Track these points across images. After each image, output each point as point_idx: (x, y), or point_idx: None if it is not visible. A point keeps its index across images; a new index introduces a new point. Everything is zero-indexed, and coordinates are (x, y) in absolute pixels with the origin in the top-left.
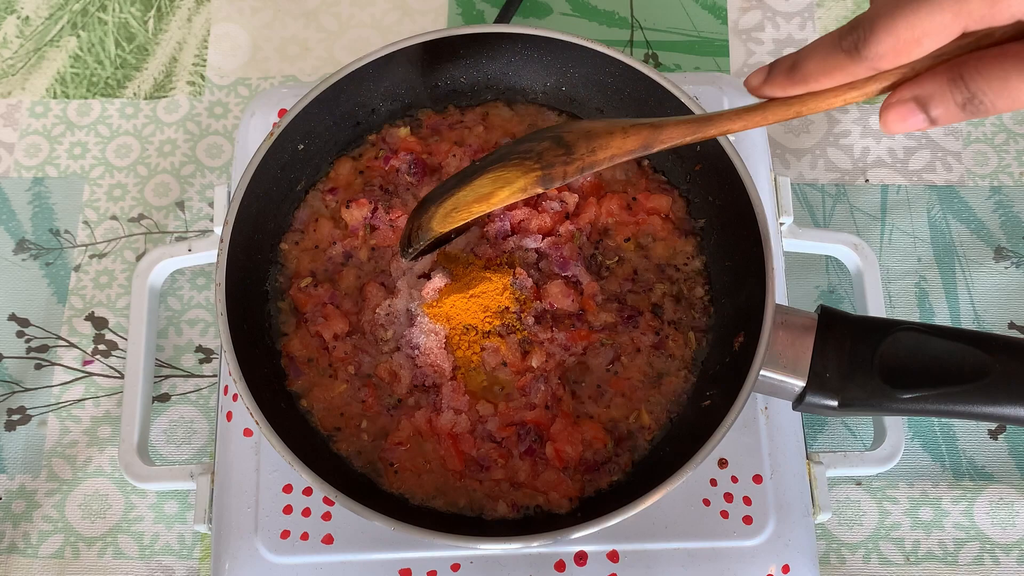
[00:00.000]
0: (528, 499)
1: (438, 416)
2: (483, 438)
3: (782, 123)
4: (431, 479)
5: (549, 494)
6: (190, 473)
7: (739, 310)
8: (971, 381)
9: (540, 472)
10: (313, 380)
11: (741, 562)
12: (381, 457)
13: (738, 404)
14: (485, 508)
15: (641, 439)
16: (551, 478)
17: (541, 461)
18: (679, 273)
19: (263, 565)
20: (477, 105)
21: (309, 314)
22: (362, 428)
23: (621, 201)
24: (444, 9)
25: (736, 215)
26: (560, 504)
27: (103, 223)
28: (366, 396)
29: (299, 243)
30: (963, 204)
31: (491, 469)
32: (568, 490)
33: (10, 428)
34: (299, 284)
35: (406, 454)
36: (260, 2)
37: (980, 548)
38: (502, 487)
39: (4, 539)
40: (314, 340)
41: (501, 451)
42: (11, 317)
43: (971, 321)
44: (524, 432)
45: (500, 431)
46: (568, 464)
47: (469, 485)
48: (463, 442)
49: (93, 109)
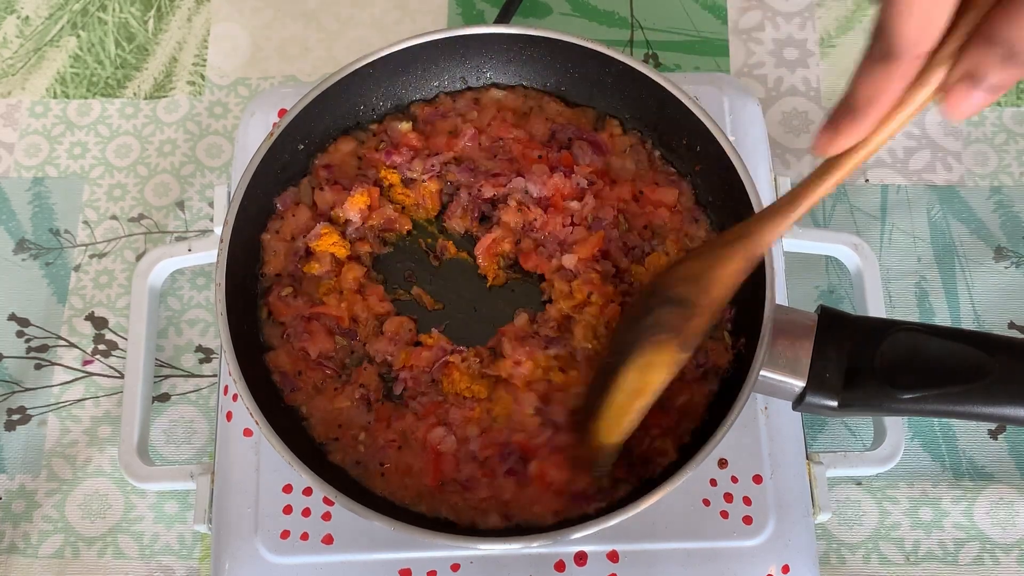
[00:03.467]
0: (518, 512)
1: (428, 429)
2: (466, 459)
3: (782, 123)
4: (413, 483)
5: (533, 507)
6: (190, 473)
7: (739, 310)
8: (971, 381)
9: (523, 489)
10: (309, 393)
11: (741, 562)
12: (373, 457)
13: (738, 404)
14: (476, 520)
15: (657, 465)
16: (533, 495)
17: (524, 480)
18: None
19: (263, 565)
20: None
21: (290, 328)
22: (359, 440)
23: (631, 191)
24: (444, 9)
25: (736, 215)
26: (544, 517)
27: (103, 223)
28: (371, 419)
29: (279, 231)
30: (963, 204)
31: (476, 488)
32: (552, 505)
33: (10, 428)
34: (279, 292)
35: (398, 454)
36: (260, 2)
37: (980, 548)
38: (490, 503)
39: (4, 539)
40: (300, 354)
41: (485, 470)
42: (11, 317)
43: (971, 321)
44: (507, 452)
45: (483, 451)
46: (551, 487)
47: (449, 499)
48: (444, 462)
49: (93, 109)
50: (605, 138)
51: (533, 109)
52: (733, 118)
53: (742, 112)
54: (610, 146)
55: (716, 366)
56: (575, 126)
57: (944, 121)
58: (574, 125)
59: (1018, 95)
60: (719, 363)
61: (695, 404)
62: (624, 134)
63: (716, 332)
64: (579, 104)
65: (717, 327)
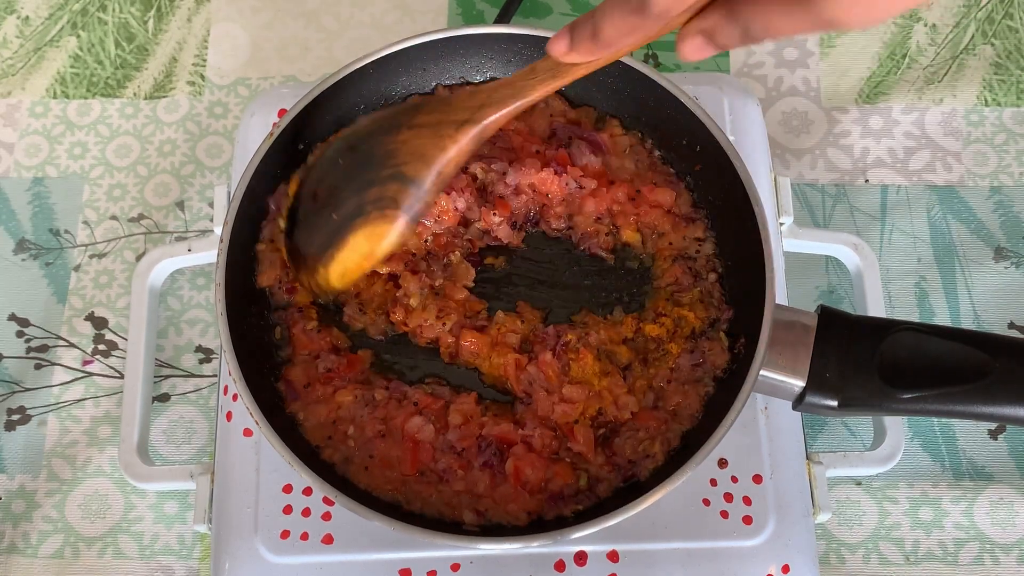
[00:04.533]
0: (492, 509)
1: (407, 418)
2: (443, 450)
3: (782, 123)
4: (393, 476)
5: (507, 505)
6: (190, 473)
7: (737, 313)
8: (971, 381)
9: (498, 485)
10: (309, 404)
11: (741, 562)
12: (362, 450)
13: (738, 404)
14: (446, 517)
15: (644, 468)
16: (508, 492)
17: (500, 475)
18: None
19: (263, 565)
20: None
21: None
22: (349, 435)
23: (628, 191)
24: (444, 9)
25: (736, 215)
26: (518, 516)
27: (103, 223)
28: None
29: (273, 241)
30: (963, 204)
31: (451, 481)
32: (526, 504)
33: (10, 428)
34: (304, 326)
35: (383, 445)
36: (260, 2)
37: (980, 548)
38: (462, 499)
39: (4, 539)
40: (312, 366)
41: (461, 462)
42: (11, 317)
43: (971, 321)
44: (484, 444)
45: (460, 442)
46: (526, 485)
47: (424, 491)
48: (422, 451)
49: (93, 109)
50: (606, 138)
51: (537, 106)
52: (733, 118)
53: (742, 112)
54: (610, 146)
55: (713, 366)
56: (576, 125)
57: (944, 121)
58: (575, 124)
59: (1018, 95)
60: (717, 363)
61: (689, 406)
62: (625, 134)
63: (713, 332)
64: (582, 104)
65: (714, 327)
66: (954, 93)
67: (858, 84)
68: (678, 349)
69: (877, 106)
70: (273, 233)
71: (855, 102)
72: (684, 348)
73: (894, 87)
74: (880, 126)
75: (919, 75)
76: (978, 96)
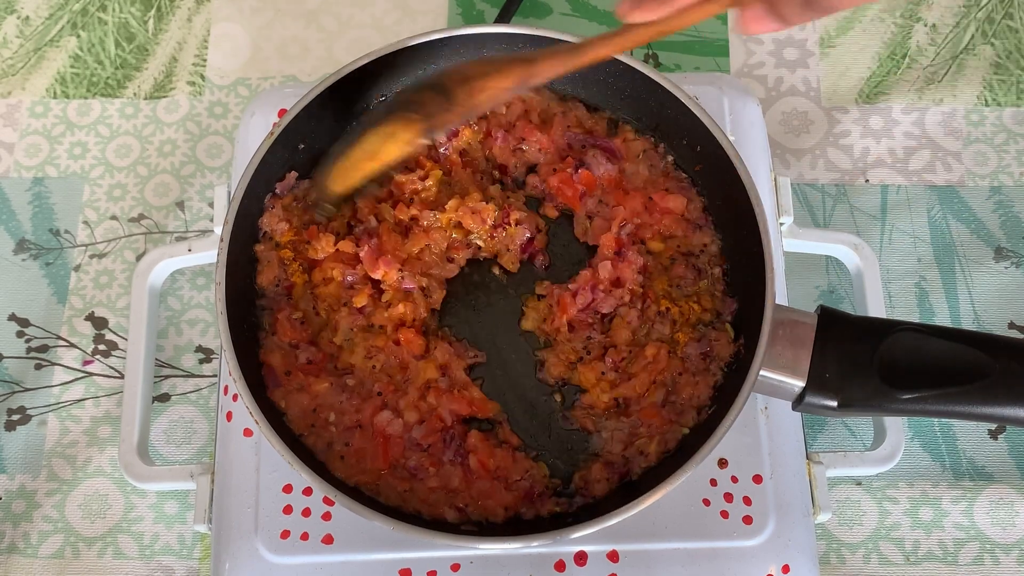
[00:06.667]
0: (471, 504)
1: (375, 412)
2: (412, 447)
3: (782, 123)
4: (370, 468)
5: (485, 501)
6: (190, 473)
7: (739, 310)
8: (971, 381)
9: (473, 481)
10: (291, 391)
11: (741, 562)
12: (340, 438)
13: (738, 404)
14: (424, 513)
15: (636, 466)
16: (485, 487)
17: (469, 470)
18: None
19: (263, 565)
20: None
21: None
22: (330, 421)
23: (642, 200)
24: (444, 9)
25: (736, 215)
26: (495, 512)
27: (103, 223)
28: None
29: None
30: (963, 204)
31: (425, 479)
32: (502, 499)
33: (10, 428)
34: (290, 314)
35: (359, 435)
36: (260, 2)
37: (980, 548)
38: (439, 495)
39: (4, 539)
40: (292, 355)
41: (432, 459)
42: (11, 317)
43: (971, 321)
44: (448, 438)
45: (425, 438)
46: (496, 474)
47: (399, 485)
48: (393, 445)
49: (93, 109)
50: (619, 143)
51: (556, 115)
52: (733, 118)
53: (742, 112)
54: (624, 151)
55: (720, 356)
56: (589, 134)
57: (944, 121)
58: (588, 133)
59: (1018, 95)
60: (723, 354)
61: (698, 396)
62: (636, 138)
63: (719, 323)
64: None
65: (720, 318)
66: (954, 93)
67: (858, 84)
68: (685, 338)
69: (877, 106)
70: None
71: (855, 102)
72: (691, 337)
73: (894, 87)
74: (880, 126)
75: (919, 75)
76: (978, 96)
